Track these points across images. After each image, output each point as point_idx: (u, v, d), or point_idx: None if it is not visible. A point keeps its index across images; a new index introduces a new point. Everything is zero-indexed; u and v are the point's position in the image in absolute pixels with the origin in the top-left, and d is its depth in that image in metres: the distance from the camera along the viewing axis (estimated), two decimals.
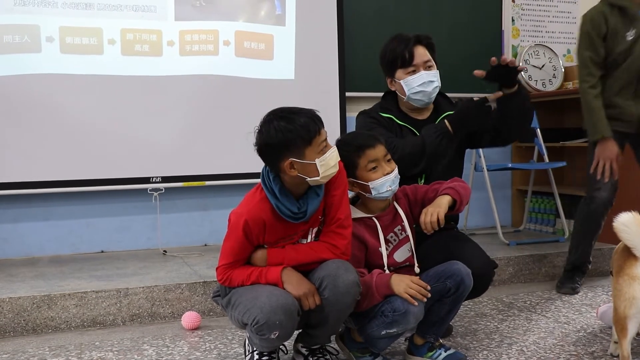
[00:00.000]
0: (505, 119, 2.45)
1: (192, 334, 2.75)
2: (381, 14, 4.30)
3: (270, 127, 1.96)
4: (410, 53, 2.46)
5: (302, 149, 1.96)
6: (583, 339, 2.54)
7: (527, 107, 2.47)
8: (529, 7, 4.77)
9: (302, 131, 1.94)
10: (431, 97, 2.50)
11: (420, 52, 2.48)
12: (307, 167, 1.98)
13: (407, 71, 2.47)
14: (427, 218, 2.11)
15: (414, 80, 2.46)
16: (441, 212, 2.10)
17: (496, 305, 3.09)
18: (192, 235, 4.08)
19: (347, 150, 2.17)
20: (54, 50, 3.64)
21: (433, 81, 2.46)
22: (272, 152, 1.98)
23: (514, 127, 2.50)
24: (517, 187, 4.76)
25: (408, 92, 2.47)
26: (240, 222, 2.01)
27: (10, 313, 2.77)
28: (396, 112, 2.54)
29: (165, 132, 3.85)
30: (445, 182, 2.24)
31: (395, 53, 2.48)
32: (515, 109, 2.43)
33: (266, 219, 2.02)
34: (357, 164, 2.17)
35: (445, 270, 2.18)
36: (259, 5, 4.02)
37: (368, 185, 2.16)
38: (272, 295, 1.96)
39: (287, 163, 1.97)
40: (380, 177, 2.16)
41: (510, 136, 2.56)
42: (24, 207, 3.77)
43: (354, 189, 2.21)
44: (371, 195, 2.18)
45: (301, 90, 4.05)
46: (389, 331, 2.10)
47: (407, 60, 2.46)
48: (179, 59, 3.86)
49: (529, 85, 4.67)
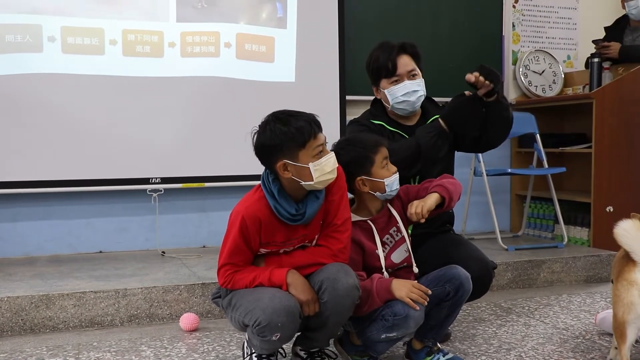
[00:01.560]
0: (485, 126, 2.47)
1: (190, 335, 2.74)
2: (382, 18, 4.31)
3: (267, 129, 1.99)
4: (393, 63, 2.47)
5: (296, 152, 1.98)
6: (582, 345, 2.54)
7: (506, 116, 2.48)
8: (529, 12, 4.78)
9: (296, 134, 1.96)
10: (415, 106, 2.51)
11: (404, 61, 2.48)
12: (301, 170, 1.99)
13: (391, 81, 2.48)
14: (412, 209, 2.15)
15: (397, 90, 2.47)
16: (425, 206, 2.13)
17: (494, 310, 3.09)
18: (190, 236, 4.08)
19: (361, 147, 2.17)
20: (56, 50, 3.64)
21: (417, 90, 2.48)
22: (267, 153, 2.01)
23: (493, 135, 2.52)
24: (516, 192, 4.76)
25: (392, 102, 2.50)
26: (238, 219, 2.02)
27: (8, 312, 2.76)
28: (386, 119, 2.56)
29: (165, 133, 3.85)
30: (435, 179, 2.25)
31: (379, 62, 2.49)
32: (494, 117, 2.45)
33: (262, 217, 2.03)
34: (373, 160, 2.17)
35: (444, 274, 2.18)
36: (261, 8, 4.03)
37: (383, 182, 2.17)
38: (274, 297, 1.96)
39: (281, 164, 1.99)
40: (392, 175, 2.18)
41: (489, 143, 2.57)
42: (22, 206, 3.76)
43: (363, 188, 2.20)
44: (383, 193, 2.18)
45: (301, 93, 4.05)
46: (388, 335, 2.10)
47: (391, 71, 2.47)
48: (180, 60, 3.86)
49: (529, 90, 4.68)
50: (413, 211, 2.14)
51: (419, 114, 2.59)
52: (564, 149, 4.32)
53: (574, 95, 4.47)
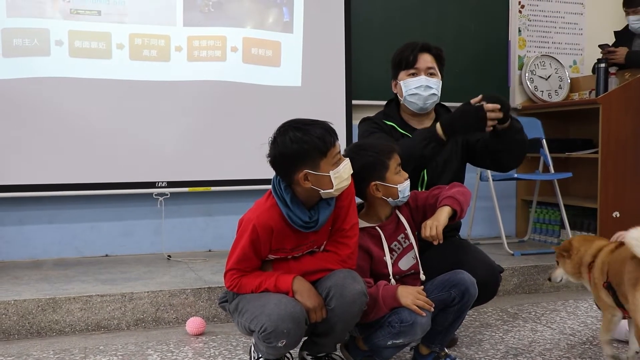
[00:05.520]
0: (500, 151, 2.47)
1: (197, 339, 2.74)
2: (388, 23, 4.31)
3: (285, 138, 1.95)
4: (414, 57, 2.51)
5: (317, 161, 1.96)
6: (589, 351, 2.53)
7: (520, 139, 2.47)
8: (535, 18, 4.78)
9: (318, 142, 1.94)
10: (426, 102, 2.51)
11: (426, 58, 2.52)
12: (321, 179, 1.98)
13: (408, 73, 2.51)
14: (426, 232, 2.11)
15: (412, 82, 2.49)
16: (440, 227, 2.10)
17: (501, 315, 3.08)
18: (196, 240, 4.08)
19: (376, 152, 2.17)
20: (63, 54, 3.65)
21: (431, 87, 2.48)
22: (287, 162, 1.98)
23: (509, 158, 2.52)
24: (521, 197, 4.75)
25: (405, 93, 2.51)
26: (249, 227, 2.01)
27: (15, 315, 2.77)
28: (398, 121, 2.56)
29: (172, 137, 3.85)
30: (444, 187, 2.24)
31: (401, 55, 2.54)
32: (508, 142, 2.44)
33: (274, 226, 2.02)
34: (388, 166, 2.16)
35: (450, 279, 2.18)
36: (267, 12, 4.03)
37: (396, 188, 2.16)
38: (280, 303, 1.96)
39: (302, 174, 1.97)
40: (404, 182, 2.17)
41: (507, 165, 2.56)
42: (29, 210, 3.77)
43: (377, 193, 2.19)
44: (396, 198, 2.18)
45: (308, 98, 4.06)
46: (395, 341, 2.10)
47: (411, 62, 2.51)
48: (186, 65, 3.87)
49: (535, 95, 4.68)
50: (428, 234, 2.10)
51: (432, 119, 2.59)
52: (570, 154, 4.31)
53: (580, 100, 4.46)
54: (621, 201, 3.92)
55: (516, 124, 2.44)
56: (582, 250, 2.34)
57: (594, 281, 2.27)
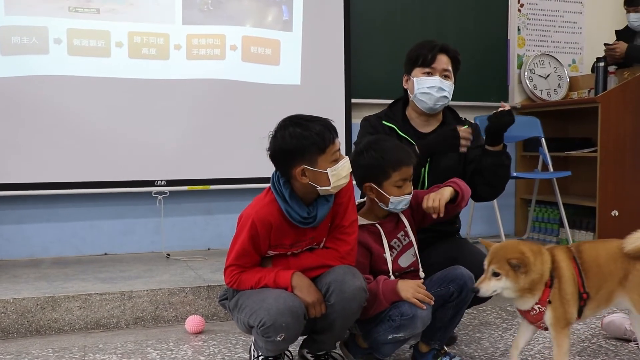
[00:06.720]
0: (480, 174, 2.48)
1: (196, 338, 2.74)
2: (388, 21, 4.31)
3: (285, 133, 1.97)
4: (433, 56, 2.49)
5: (315, 157, 1.97)
6: (588, 350, 2.53)
7: (502, 173, 2.49)
8: (535, 16, 4.79)
9: (317, 138, 1.95)
10: (437, 104, 2.50)
11: (444, 59, 2.51)
12: (319, 175, 1.99)
13: (424, 71, 2.50)
14: (429, 203, 2.16)
15: (426, 82, 2.48)
16: (442, 200, 2.15)
17: (500, 314, 3.08)
18: (195, 239, 4.08)
19: (382, 159, 2.15)
20: (62, 52, 3.65)
21: (444, 90, 2.47)
22: (285, 157, 1.99)
23: (486, 189, 2.53)
24: (520, 196, 4.76)
25: (416, 90, 2.49)
26: (248, 222, 2.01)
27: (14, 314, 2.77)
28: (400, 122, 2.54)
29: (171, 136, 3.85)
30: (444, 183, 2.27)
31: (419, 52, 2.52)
32: (492, 165, 2.45)
33: (273, 221, 2.02)
34: (389, 176, 2.16)
35: (448, 275, 2.19)
36: (266, 11, 4.03)
37: (388, 198, 2.16)
38: (279, 298, 1.96)
39: (299, 170, 1.97)
40: (401, 195, 2.17)
41: (482, 192, 2.53)
42: (28, 208, 3.77)
43: (370, 194, 2.20)
44: (385, 206, 2.19)
45: (307, 96, 4.05)
46: (395, 336, 2.10)
47: (428, 61, 2.49)
48: (185, 63, 3.87)
49: (534, 94, 4.68)
50: (430, 204, 2.15)
51: (438, 123, 2.58)
52: (569, 153, 4.31)
53: (580, 99, 4.47)
54: (620, 200, 3.93)
55: (505, 159, 2.48)
56: (538, 265, 2.00)
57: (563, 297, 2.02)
